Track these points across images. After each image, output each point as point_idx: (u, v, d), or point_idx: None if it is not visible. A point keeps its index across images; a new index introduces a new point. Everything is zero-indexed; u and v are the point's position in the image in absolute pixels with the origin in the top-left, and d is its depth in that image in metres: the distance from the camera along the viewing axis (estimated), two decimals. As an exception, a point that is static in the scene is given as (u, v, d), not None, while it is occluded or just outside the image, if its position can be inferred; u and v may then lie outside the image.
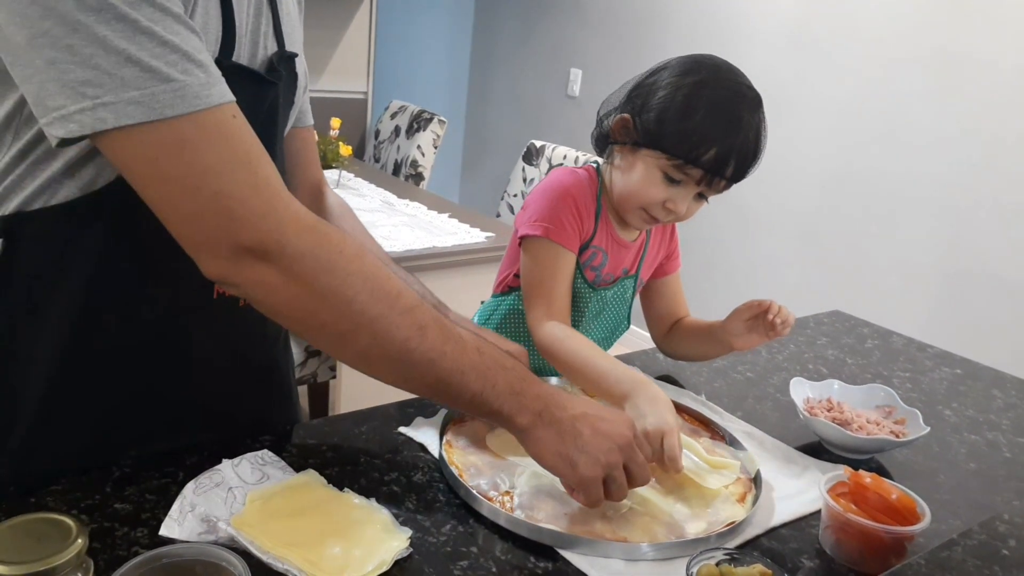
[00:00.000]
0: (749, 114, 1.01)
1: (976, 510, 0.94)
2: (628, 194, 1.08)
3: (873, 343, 1.48)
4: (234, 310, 0.86)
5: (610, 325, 1.23)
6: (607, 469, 0.78)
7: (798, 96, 2.92)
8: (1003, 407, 1.25)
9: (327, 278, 0.71)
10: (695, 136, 1.00)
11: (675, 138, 1.01)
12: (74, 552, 0.58)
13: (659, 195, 1.05)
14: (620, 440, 0.79)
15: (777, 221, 3.05)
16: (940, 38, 2.50)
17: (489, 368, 0.78)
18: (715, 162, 1.00)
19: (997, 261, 2.41)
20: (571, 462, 0.78)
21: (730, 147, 1.00)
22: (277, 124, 0.88)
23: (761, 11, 3.02)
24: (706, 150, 0.99)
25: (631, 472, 0.80)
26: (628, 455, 0.79)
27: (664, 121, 1.02)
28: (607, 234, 1.15)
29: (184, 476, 0.81)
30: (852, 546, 0.81)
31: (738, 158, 1.01)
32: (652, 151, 1.03)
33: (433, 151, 3.21)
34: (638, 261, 1.21)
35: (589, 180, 1.14)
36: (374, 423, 0.99)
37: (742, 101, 1.02)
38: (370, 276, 0.73)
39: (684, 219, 1.09)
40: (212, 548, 0.64)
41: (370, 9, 3.67)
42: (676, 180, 1.03)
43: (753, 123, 1.02)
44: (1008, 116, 2.35)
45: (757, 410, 1.16)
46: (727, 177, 1.02)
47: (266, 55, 0.84)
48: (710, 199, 1.08)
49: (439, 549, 0.78)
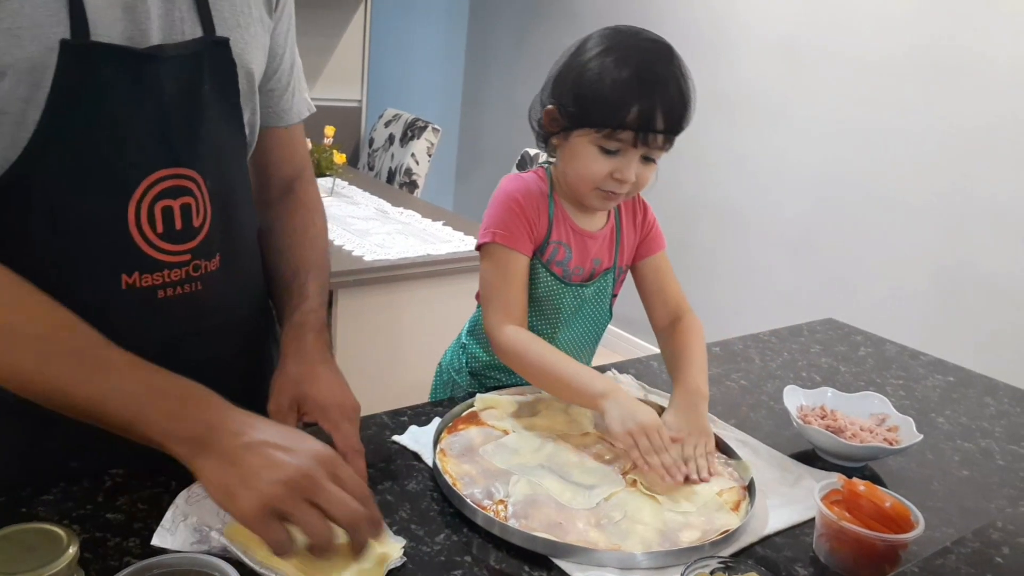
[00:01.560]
0: (663, 65, 1.03)
1: (970, 517, 0.95)
2: (576, 178, 1.09)
3: (866, 351, 1.48)
4: (152, 301, 0.84)
5: (591, 321, 1.21)
6: (272, 504, 0.67)
7: (790, 103, 2.94)
8: (996, 414, 1.26)
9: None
10: (612, 102, 1.01)
11: (595, 110, 1.02)
12: (66, 562, 0.58)
13: (602, 169, 1.06)
14: (292, 472, 0.68)
15: (770, 229, 3.06)
16: (933, 46, 2.51)
17: (137, 393, 0.72)
18: (640, 120, 1.01)
19: (990, 268, 2.42)
20: (230, 494, 0.68)
21: (651, 102, 1.00)
22: (202, 109, 0.86)
23: (754, 19, 3.04)
24: (627, 111, 1.01)
25: (324, 508, 0.69)
26: (307, 490, 0.68)
27: (581, 98, 1.04)
28: (566, 228, 1.15)
29: (176, 485, 0.81)
30: (846, 554, 0.81)
31: (664, 110, 1.01)
32: (581, 130, 1.05)
33: (427, 159, 3.21)
34: (613, 252, 1.20)
35: (538, 181, 1.15)
36: (367, 432, 0.99)
37: (650, 55, 1.03)
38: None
39: (643, 186, 1.10)
40: (204, 558, 0.63)
41: (364, 17, 3.67)
42: (613, 150, 1.04)
43: (669, 73, 1.03)
44: (1001, 125, 2.37)
45: (751, 418, 1.16)
46: (660, 131, 1.02)
47: (183, 39, 0.83)
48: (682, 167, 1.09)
49: (433, 558, 0.77)
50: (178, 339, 0.87)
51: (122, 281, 0.82)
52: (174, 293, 0.86)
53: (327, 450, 0.73)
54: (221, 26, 0.87)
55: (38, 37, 0.72)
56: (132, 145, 0.80)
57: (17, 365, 0.72)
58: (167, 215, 0.84)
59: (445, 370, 1.32)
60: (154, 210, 0.83)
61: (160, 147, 0.82)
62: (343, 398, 0.90)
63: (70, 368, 0.72)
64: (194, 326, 0.90)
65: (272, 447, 0.70)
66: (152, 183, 0.82)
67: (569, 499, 0.87)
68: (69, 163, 0.77)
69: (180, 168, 0.84)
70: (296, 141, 1.11)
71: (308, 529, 0.68)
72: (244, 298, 0.99)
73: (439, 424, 0.99)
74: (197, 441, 0.71)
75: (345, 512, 0.69)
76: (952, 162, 2.49)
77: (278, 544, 0.67)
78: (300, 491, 0.68)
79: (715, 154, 3.23)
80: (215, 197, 0.89)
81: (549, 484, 0.89)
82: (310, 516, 0.68)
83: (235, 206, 0.94)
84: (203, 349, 0.91)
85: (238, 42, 0.89)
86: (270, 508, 0.67)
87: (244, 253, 0.98)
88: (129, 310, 0.83)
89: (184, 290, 0.87)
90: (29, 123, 0.74)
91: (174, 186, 0.84)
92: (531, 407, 1.07)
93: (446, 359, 1.33)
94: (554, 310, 1.15)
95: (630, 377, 1.22)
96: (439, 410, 1.05)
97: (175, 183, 0.84)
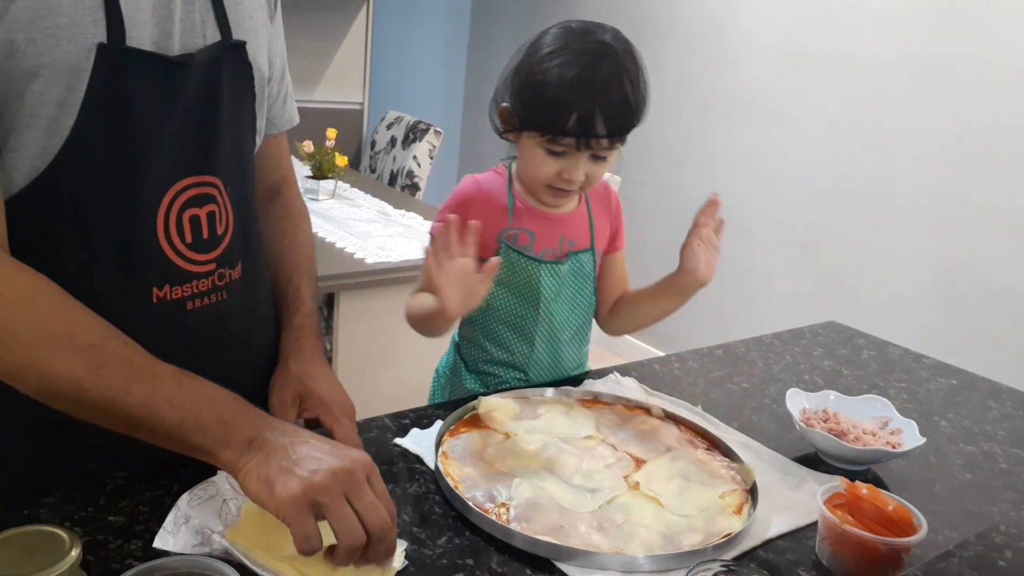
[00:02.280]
0: (607, 68, 1.03)
1: (972, 521, 0.94)
2: (527, 178, 1.14)
3: (869, 354, 1.48)
4: (181, 314, 0.85)
5: (574, 303, 1.21)
6: (311, 493, 0.66)
7: (792, 107, 2.94)
8: (999, 418, 1.26)
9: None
10: (554, 108, 1.03)
11: (538, 115, 1.05)
12: (68, 565, 0.58)
13: (550, 170, 1.09)
14: (337, 466, 0.68)
15: (772, 232, 3.06)
16: (933, 49, 2.51)
17: (190, 400, 0.73)
18: (580, 125, 1.03)
19: (993, 271, 2.42)
20: (270, 483, 0.68)
21: (590, 107, 1.02)
22: (221, 113, 0.86)
23: (755, 23, 3.04)
24: (568, 118, 1.03)
25: (358, 510, 0.68)
26: (348, 486, 0.68)
27: (525, 102, 1.07)
28: (528, 215, 1.18)
29: (178, 488, 0.81)
30: (849, 557, 0.81)
31: (604, 114, 1.03)
32: (528, 132, 1.08)
33: (429, 161, 3.22)
34: (589, 234, 1.22)
35: (496, 177, 1.20)
36: (369, 435, 0.99)
37: (594, 59, 1.04)
38: (36, 319, 0.72)
39: (595, 181, 1.12)
40: (206, 560, 0.63)
41: (366, 20, 3.68)
42: (559, 152, 1.07)
43: (613, 75, 1.03)
44: (1001, 126, 2.37)
45: (754, 421, 1.16)
46: (601, 136, 1.04)
47: (203, 43, 0.83)
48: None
49: (435, 561, 0.77)
50: (203, 349, 0.87)
51: (153, 295, 0.82)
52: (202, 304, 0.86)
53: (368, 459, 0.72)
54: (236, 29, 0.88)
55: (75, 38, 0.72)
56: (159, 153, 0.80)
57: (74, 373, 0.71)
58: (195, 224, 0.84)
59: (442, 373, 1.32)
60: (182, 219, 0.83)
61: (185, 154, 0.82)
62: (342, 396, 0.93)
63: (124, 377, 0.72)
64: (219, 336, 0.90)
65: (317, 448, 0.71)
66: (178, 191, 0.82)
67: (571, 502, 0.87)
68: (98, 172, 0.76)
69: (204, 176, 0.85)
70: (283, 148, 1.12)
71: (342, 526, 0.67)
72: (261, 304, 1.00)
73: (441, 427, 0.99)
74: (248, 441, 0.71)
75: (377, 519, 0.68)
76: (954, 164, 2.49)
77: (306, 538, 0.66)
78: (342, 485, 0.68)
79: (716, 156, 3.23)
80: (236, 203, 0.90)
81: (551, 487, 0.89)
82: (346, 512, 0.67)
83: (250, 211, 0.95)
84: (226, 358, 0.91)
85: (251, 45, 0.90)
86: (310, 498, 0.66)
87: (259, 258, 0.99)
88: (159, 324, 0.83)
89: (211, 300, 0.87)
90: (62, 129, 0.74)
91: (200, 194, 0.84)
92: (533, 410, 1.07)
93: (443, 363, 1.33)
94: (533, 291, 1.16)
95: (632, 380, 1.22)
96: (441, 413, 1.05)
97: (200, 191, 0.84)
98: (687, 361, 1.36)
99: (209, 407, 0.73)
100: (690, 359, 1.37)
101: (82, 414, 0.73)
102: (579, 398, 1.12)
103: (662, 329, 3.43)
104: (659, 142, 3.45)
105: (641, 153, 3.51)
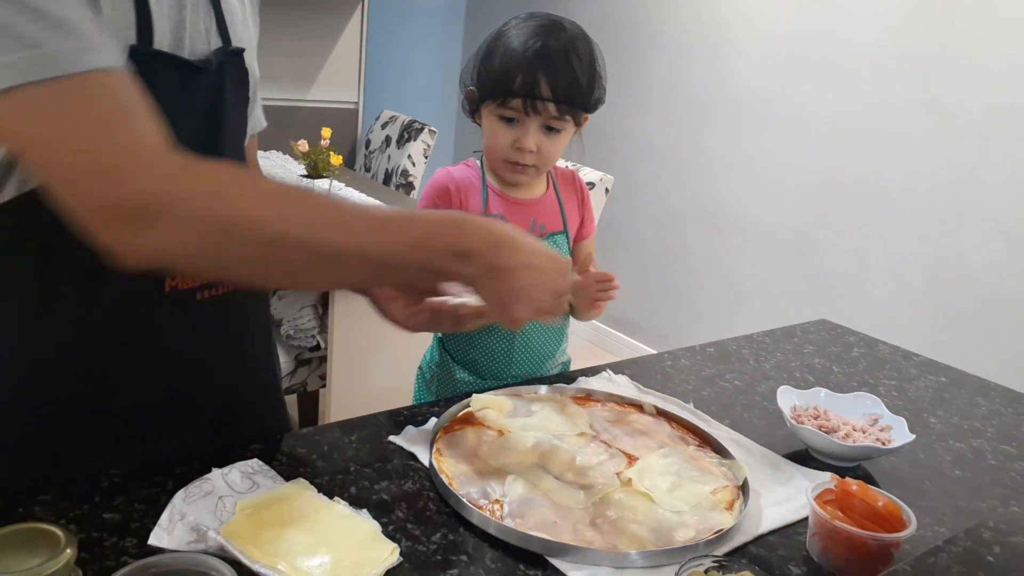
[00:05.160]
0: (555, 40, 1.11)
1: (961, 517, 0.95)
2: (488, 152, 1.21)
3: (859, 351, 1.49)
4: (189, 304, 0.86)
5: None
6: (537, 312, 0.84)
7: (784, 107, 2.95)
8: (988, 414, 1.27)
9: (227, 210, 0.70)
10: (501, 72, 1.12)
11: (489, 82, 1.14)
12: (63, 562, 0.58)
13: (505, 139, 1.16)
14: (554, 290, 0.84)
15: (763, 230, 3.07)
16: (927, 50, 2.53)
17: (424, 237, 0.77)
18: (525, 86, 1.11)
19: (982, 270, 2.44)
20: (505, 306, 0.82)
21: (534, 71, 1.10)
22: (224, 116, 0.88)
23: (750, 22, 3.05)
24: (513, 79, 1.11)
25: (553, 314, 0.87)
26: (558, 304, 0.86)
27: (480, 74, 1.16)
28: (500, 202, 1.24)
29: (173, 485, 0.81)
30: (839, 553, 0.82)
31: (549, 76, 1.10)
32: (485, 104, 1.16)
33: (424, 161, 3.21)
34: (560, 219, 1.27)
35: (466, 170, 1.25)
36: (364, 432, 0.99)
37: (542, 30, 1.12)
38: (268, 192, 0.73)
39: (549, 157, 1.18)
40: (201, 557, 0.64)
41: (361, 19, 3.68)
42: (510, 119, 1.14)
43: (560, 46, 1.11)
44: (994, 126, 2.38)
45: (745, 418, 1.16)
46: (547, 98, 1.11)
47: (209, 49, 0.85)
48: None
49: (429, 558, 0.78)
50: (211, 341, 0.90)
51: (165, 284, 0.83)
52: (209, 295, 0.88)
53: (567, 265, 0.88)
54: (234, 37, 0.89)
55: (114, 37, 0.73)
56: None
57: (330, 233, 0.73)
58: None
59: (427, 370, 1.34)
60: None
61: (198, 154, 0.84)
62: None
63: (366, 230, 0.75)
64: (225, 328, 0.92)
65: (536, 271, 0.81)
66: None
67: (564, 499, 0.88)
68: None
69: None
70: (252, 152, 1.12)
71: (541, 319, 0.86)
72: (258, 300, 1.01)
73: (435, 424, 1.00)
74: (483, 257, 0.78)
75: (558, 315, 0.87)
76: (946, 165, 2.50)
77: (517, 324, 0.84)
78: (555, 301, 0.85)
79: (708, 155, 3.24)
80: None
81: (545, 484, 0.90)
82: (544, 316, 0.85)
83: None
84: (233, 350, 0.94)
85: (247, 52, 0.92)
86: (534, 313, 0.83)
87: None
88: (170, 314, 0.85)
89: (216, 292, 0.89)
90: None
91: None
92: (527, 407, 1.07)
93: (426, 360, 1.35)
94: None
95: (625, 378, 1.22)
96: (436, 410, 1.06)
97: None
98: (679, 359, 1.36)
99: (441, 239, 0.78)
100: (682, 357, 1.37)
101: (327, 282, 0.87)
102: (572, 395, 1.12)
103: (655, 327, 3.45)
104: (652, 142, 3.46)
105: (634, 153, 3.52)
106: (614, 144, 3.56)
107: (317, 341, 2.24)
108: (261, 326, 1.03)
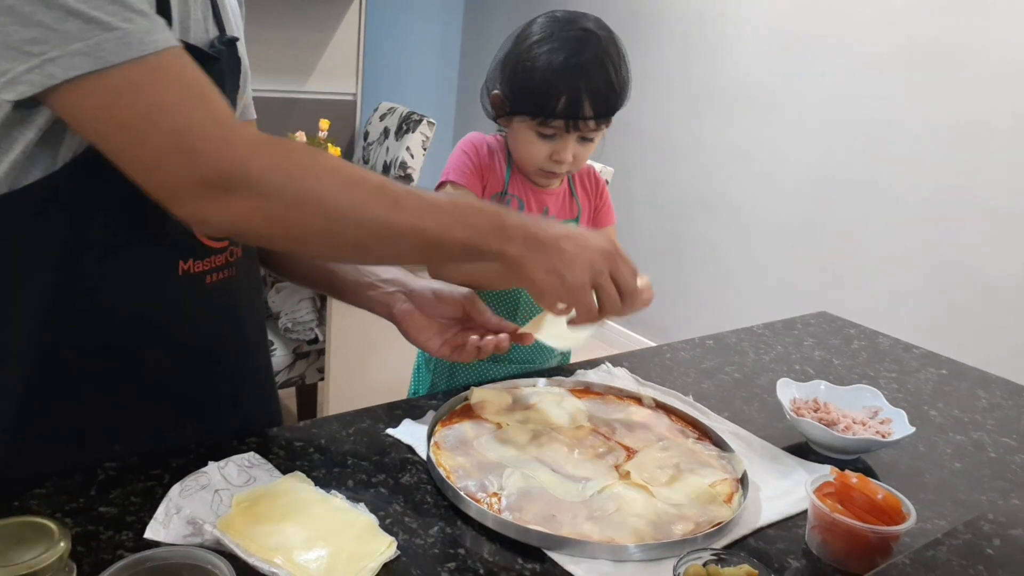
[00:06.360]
0: (591, 54, 1.11)
1: (961, 509, 0.95)
2: (520, 160, 1.21)
3: (859, 344, 1.49)
4: (199, 287, 0.86)
5: None
6: (594, 276, 0.83)
7: (786, 98, 2.94)
8: (988, 407, 1.26)
9: (296, 185, 0.73)
10: (542, 92, 1.11)
11: (528, 100, 1.13)
12: (56, 556, 0.58)
13: (541, 152, 1.17)
14: (602, 251, 0.84)
15: (765, 222, 3.07)
16: (928, 41, 2.52)
17: (468, 215, 0.81)
18: (568, 108, 1.11)
19: (983, 262, 2.43)
20: (559, 274, 0.82)
21: (577, 91, 1.10)
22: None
23: (751, 15, 3.04)
24: (556, 101, 1.11)
25: (618, 281, 0.85)
26: (612, 264, 0.84)
27: (516, 88, 1.15)
28: (521, 185, 1.25)
29: (170, 478, 0.81)
30: (838, 546, 0.81)
31: (591, 96, 1.11)
32: (520, 117, 1.16)
33: (422, 152, 3.20)
34: (575, 208, 1.30)
35: (498, 143, 1.26)
36: (362, 425, 0.99)
37: (579, 45, 1.11)
38: (331, 169, 0.76)
39: (582, 162, 1.20)
40: (198, 551, 0.63)
41: (359, 10, 3.66)
42: (549, 135, 1.15)
43: (597, 59, 1.11)
44: (995, 119, 2.37)
45: (744, 411, 1.16)
46: (588, 117, 1.12)
47: (208, 38, 0.85)
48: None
49: (426, 551, 0.77)
50: (220, 324, 0.91)
51: (179, 267, 0.84)
52: (217, 278, 0.89)
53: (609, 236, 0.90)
54: (227, 25, 0.90)
55: None
56: None
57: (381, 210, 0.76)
58: None
59: (422, 364, 1.33)
60: None
61: None
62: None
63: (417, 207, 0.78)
64: (232, 313, 0.93)
65: (575, 236, 0.84)
66: None
67: (563, 492, 0.88)
68: None
69: None
70: None
71: (609, 296, 0.85)
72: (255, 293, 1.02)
73: (433, 417, 0.99)
74: (522, 241, 0.82)
75: (630, 284, 0.86)
76: (948, 158, 2.49)
77: (590, 311, 0.85)
78: (609, 262, 0.84)
79: (709, 147, 3.23)
80: None
81: (543, 477, 0.89)
82: (610, 287, 0.85)
83: None
84: (240, 334, 0.96)
85: (240, 42, 0.92)
86: (591, 277, 0.83)
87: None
88: (182, 297, 0.86)
89: (223, 275, 0.90)
90: None
91: None
92: (525, 400, 1.07)
93: (422, 353, 1.34)
94: None
95: (624, 370, 1.22)
96: (433, 403, 1.05)
97: None
98: (679, 351, 1.36)
99: (483, 218, 0.82)
100: (682, 349, 1.37)
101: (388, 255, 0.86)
102: (571, 388, 1.12)
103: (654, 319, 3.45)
104: (653, 134, 3.45)
105: (635, 145, 3.51)
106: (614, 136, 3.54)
107: (315, 334, 2.24)
108: (259, 311, 1.03)
